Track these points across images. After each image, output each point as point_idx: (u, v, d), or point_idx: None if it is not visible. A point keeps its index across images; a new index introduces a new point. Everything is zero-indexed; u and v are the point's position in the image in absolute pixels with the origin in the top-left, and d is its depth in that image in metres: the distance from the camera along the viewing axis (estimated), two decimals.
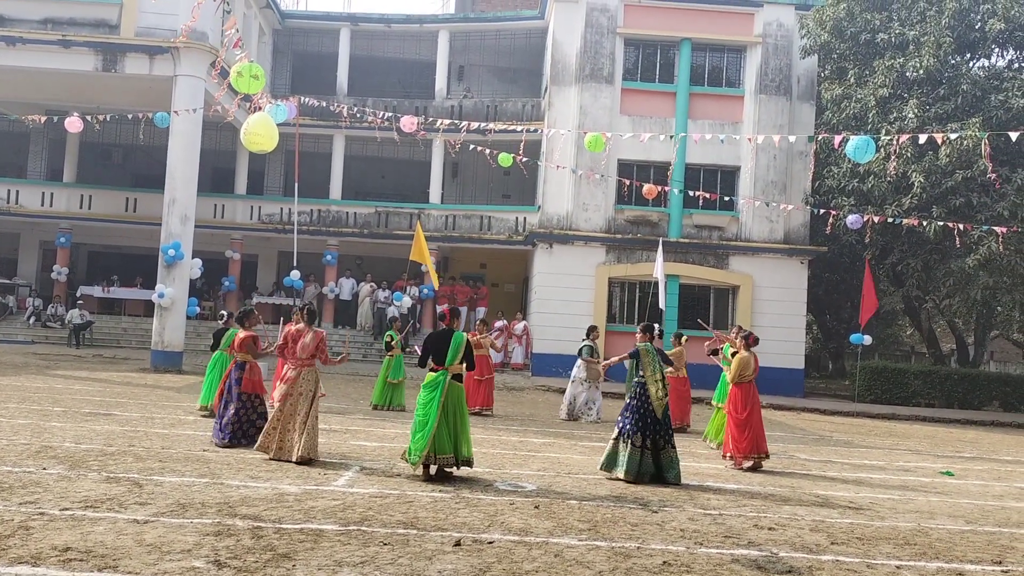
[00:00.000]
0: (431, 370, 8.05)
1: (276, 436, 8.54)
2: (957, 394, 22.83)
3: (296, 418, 8.53)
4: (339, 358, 9.54)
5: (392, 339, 14.38)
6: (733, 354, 10.62)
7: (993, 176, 16.14)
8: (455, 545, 5.65)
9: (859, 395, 22.59)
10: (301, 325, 8.96)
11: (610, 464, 8.70)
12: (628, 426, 8.64)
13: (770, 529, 6.76)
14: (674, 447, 8.74)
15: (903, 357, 39.08)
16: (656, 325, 9.76)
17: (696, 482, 8.81)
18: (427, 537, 5.81)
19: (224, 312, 12.92)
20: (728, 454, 10.05)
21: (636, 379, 8.90)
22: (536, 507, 7.01)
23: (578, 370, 14.52)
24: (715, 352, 11.74)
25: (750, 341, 10.13)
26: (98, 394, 13.66)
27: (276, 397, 8.93)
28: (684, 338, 13.79)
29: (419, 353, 8.28)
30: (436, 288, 22.10)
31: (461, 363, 8.02)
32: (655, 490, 8.17)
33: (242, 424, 9.32)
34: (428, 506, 6.79)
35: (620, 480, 8.51)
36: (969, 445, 14.93)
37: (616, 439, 8.73)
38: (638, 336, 9.23)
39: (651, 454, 8.55)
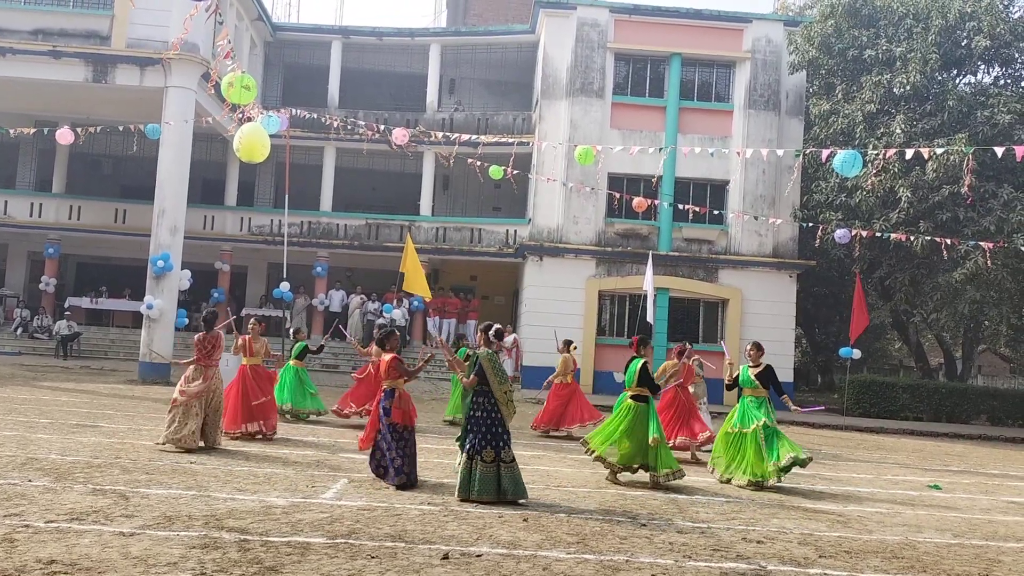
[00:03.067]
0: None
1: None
2: (945, 408, 22.90)
3: None
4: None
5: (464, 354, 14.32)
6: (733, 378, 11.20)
7: (966, 190, 16.32)
8: (443, 558, 5.63)
9: (848, 409, 22.61)
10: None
11: (465, 488, 7.67)
12: (477, 442, 7.71)
13: (758, 542, 6.77)
14: (514, 460, 7.86)
15: (891, 371, 39.25)
16: (497, 326, 8.29)
17: (684, 495, 8.82)
18: (415, 550, 5.80)
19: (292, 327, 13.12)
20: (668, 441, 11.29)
21: (477, 388, 7.90)
22: (525, 520, 6.99)
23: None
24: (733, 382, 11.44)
25: (676, 351, 12.26)
26: (85, 406, 13.57)
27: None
28: (573, 345, 14.36)
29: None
30: (426, 300, 22.04)
31: (640, 386, 9.14)
32: (644, 503, 8.17)
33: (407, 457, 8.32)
34: (416, 519, 6.77)
35: (479, 502, 7.55)
36: (957, 459, 14.98)
37: (470, 459, 7.70)
38: (479, 338, 8.29)
39: (505, 468, 7.72)
